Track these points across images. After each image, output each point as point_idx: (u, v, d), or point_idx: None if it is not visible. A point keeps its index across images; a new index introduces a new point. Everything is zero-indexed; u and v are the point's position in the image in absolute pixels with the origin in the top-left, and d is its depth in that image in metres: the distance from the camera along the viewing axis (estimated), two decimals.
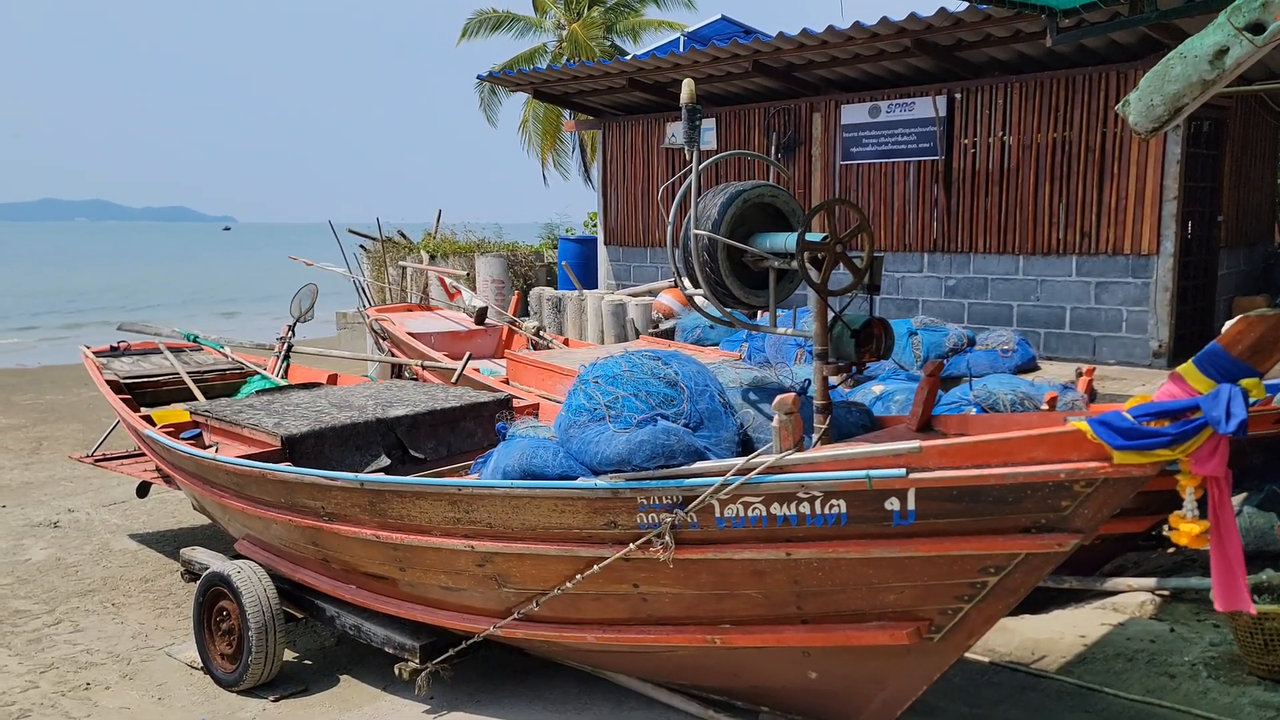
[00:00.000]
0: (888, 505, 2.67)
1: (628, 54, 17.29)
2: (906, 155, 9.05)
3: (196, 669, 4.27)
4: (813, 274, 3.21)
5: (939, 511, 2.62)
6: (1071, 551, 2.59)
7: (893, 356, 5.63)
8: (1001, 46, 7.96)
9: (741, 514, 2.88)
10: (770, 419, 2.88)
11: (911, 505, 2.65)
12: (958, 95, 8.70)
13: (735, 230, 3.42)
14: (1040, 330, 8.45)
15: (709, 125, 10.44)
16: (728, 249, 3.40)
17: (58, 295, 36.93)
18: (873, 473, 2.65)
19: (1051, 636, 4.09)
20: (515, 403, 5.25)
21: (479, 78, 12.44)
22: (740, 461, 2.85)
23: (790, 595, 2.95)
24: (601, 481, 3.03)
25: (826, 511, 2.76)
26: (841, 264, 3.30)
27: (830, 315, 3.32)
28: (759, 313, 3.71)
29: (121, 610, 5.04)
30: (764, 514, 2.85)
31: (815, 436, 3.22)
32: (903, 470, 2.61)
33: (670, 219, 3.40)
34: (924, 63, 8.54)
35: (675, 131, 10.94)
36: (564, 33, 21.51)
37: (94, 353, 6.86)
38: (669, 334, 9.13)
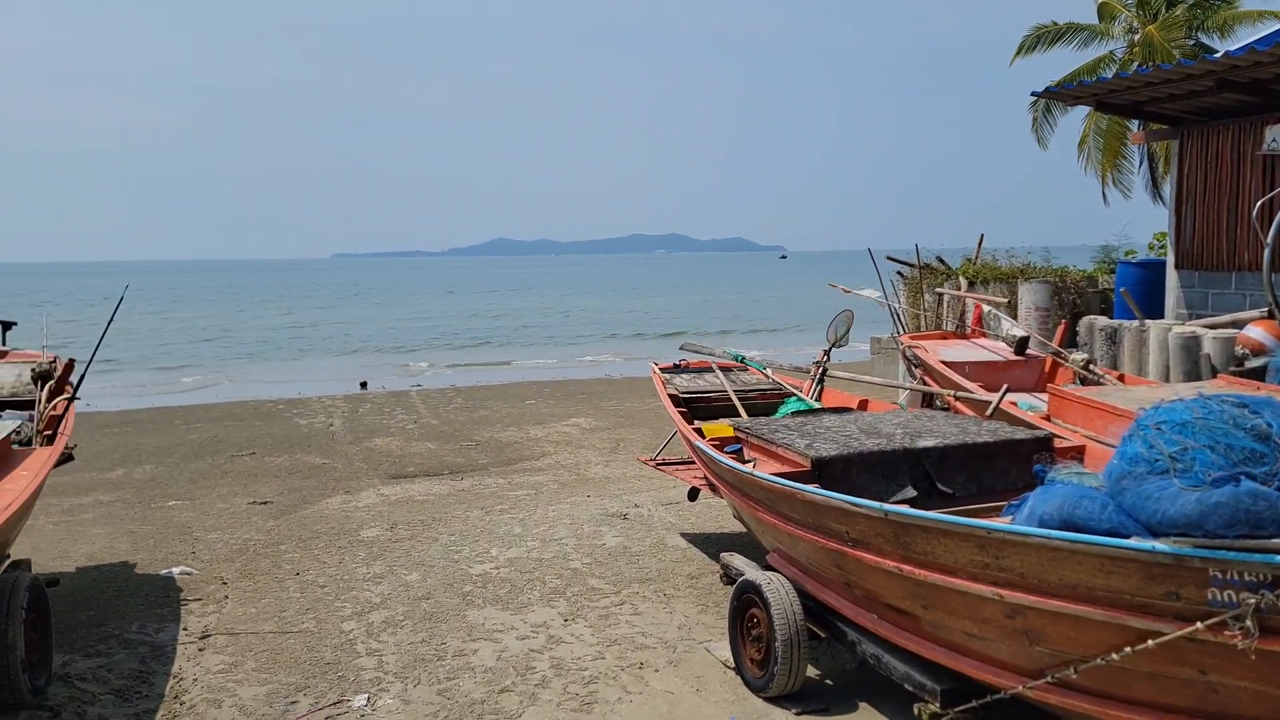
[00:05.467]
0: None
1: (1215, 52, 15.01)
2: None
3: (729, 668, 4.58)
4: None
5: None
6: None
7: None
8: None
9: None
10: None
11: None
12: None
13: None
14: None
15: None
16: None
17: (634, 316, 43.00)
18: None
19: None
20: (1056, 443, 4.81)
21: (1033, 94, 11.74)
22: None
23: None
24: (1162, 544, 2.62)
25: None
26: None
27: None
28: None
29: (671, 601, 5.62)
30: None
31: None
32: None
33: (1269, 240, 2.83)
34: None
35: (1277, 135, 9.20)
36: (1135, 37, 19.43)
37: (661, 369, 7.80)
38: (1257, 374, 7.64)
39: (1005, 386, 6.24)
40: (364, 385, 18.46)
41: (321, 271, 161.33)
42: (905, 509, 3.56)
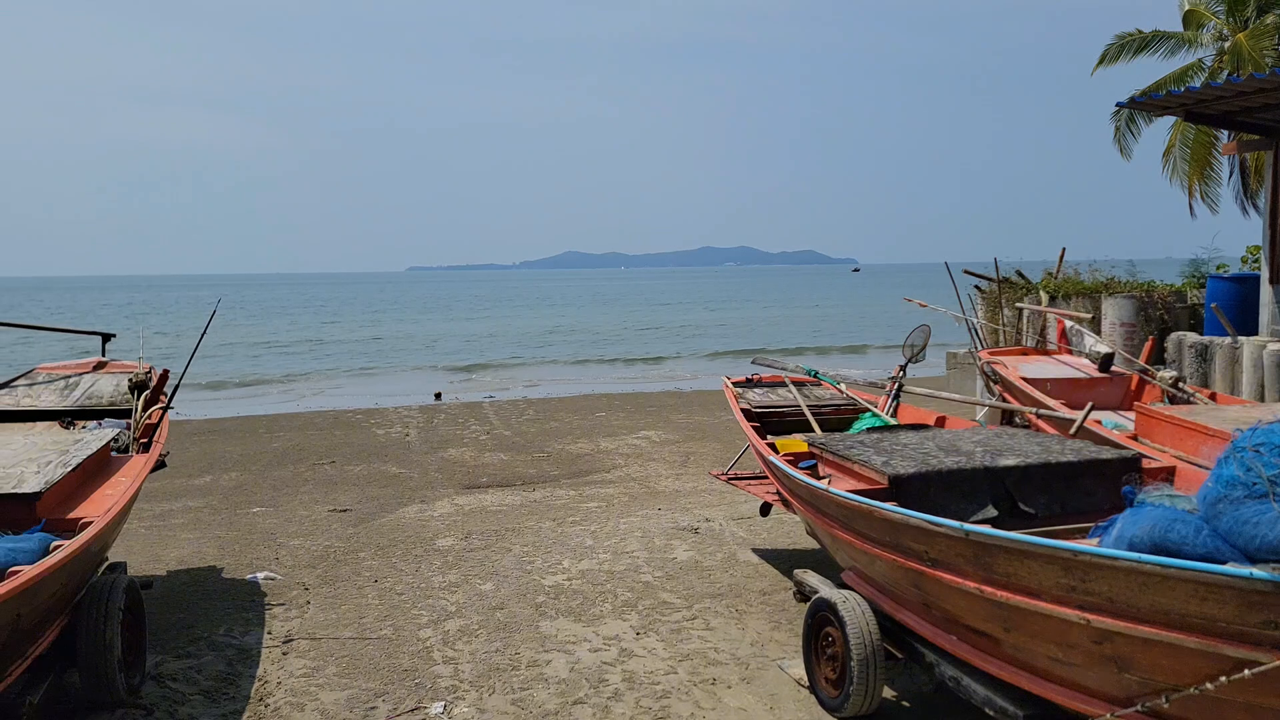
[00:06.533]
0: None
1: None
2: None
3: (803, 686, 4.54)
4: None
5: None
6: None
7: None
8: None
9: None
10: None
11: None
12: None
13: None
14: None
15: None
16: None
17: (706, 330, 42.94)
18: None
19: None
20: (1145, 463, 4.66)
21: (1118, 105, 11.43)
22: None
23: None
24: (1261, 571, 2.52)
25: None
26: None
27: None
28: None
29: (743, 617, 5.59)
30: None
31: None
32: None
33: None
34: None
35: None
36: (1225, 45, 18.79)
37: (733, 383, 7.77)
38: None
39: (1090, 404, 6.07)
40: (438, 396, 18.80)
41: (400, 285, 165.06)
42: (987, 529, 3.49)
